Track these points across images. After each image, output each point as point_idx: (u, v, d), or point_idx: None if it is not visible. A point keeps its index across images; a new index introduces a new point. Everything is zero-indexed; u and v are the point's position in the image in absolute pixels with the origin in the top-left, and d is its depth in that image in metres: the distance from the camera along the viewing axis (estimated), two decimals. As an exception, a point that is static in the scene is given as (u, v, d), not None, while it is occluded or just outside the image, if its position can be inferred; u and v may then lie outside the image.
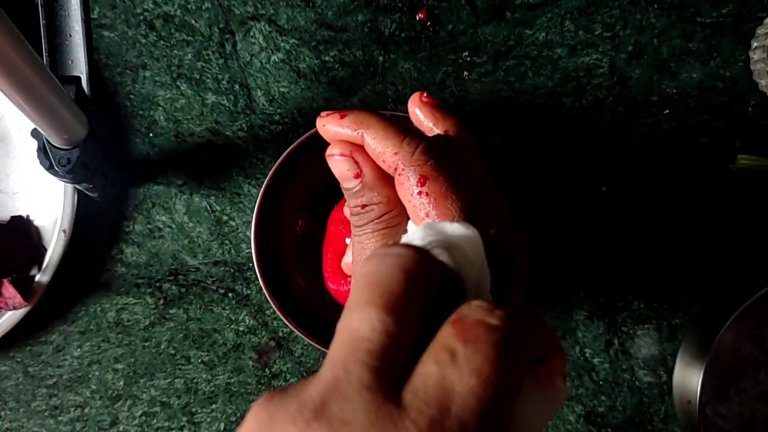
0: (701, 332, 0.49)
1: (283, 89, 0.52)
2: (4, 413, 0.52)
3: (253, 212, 0.46)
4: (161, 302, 0.52)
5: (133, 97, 0.52)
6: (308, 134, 0.45)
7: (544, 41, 0.51)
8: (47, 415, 0.52)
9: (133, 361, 0.52)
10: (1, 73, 0.33)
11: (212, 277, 0.52)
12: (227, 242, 0.52)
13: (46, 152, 0.42)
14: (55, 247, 0.49)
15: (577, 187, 0.52)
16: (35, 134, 0.43)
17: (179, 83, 0.52)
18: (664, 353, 0.52)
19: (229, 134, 0.52)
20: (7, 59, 0.32)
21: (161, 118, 0.52)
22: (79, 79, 0.45)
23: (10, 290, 0.48)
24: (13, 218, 0.51)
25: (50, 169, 0.42)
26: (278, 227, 0.49)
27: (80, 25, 0.45)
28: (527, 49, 0.51)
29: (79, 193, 0.49)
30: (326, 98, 0.52)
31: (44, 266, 0.49)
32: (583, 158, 0.52)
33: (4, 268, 0.49)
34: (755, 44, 0.50)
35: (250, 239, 0.48)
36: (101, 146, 0.44)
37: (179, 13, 0.51)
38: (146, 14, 0.51)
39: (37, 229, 0.51)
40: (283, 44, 0.51)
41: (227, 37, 0.51)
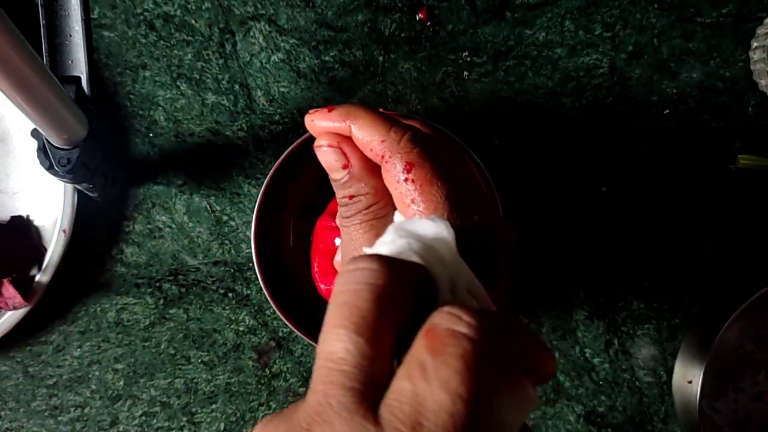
0: (701, 332, 0.49)
1: (283, 89, 0.52)
2: (4, 413, 0.52)
3: (253, 212, 0.46)
4: (161, 302, 0.52)
5: (133, 97, 0.52)
6: (308, 134, 0.45)
7: (544, 41, 0.51)
8: (47, 415, 0.52)
9: (133, 361, 0.52)
10: (1, 73, 0.33)
11: (212, 277, 0.52)
12: (227, 242, 0.52)
13: (46, 152, 0.42)
14: (55, 247, 0.49)
15: (577, 187, 0.52)
16: (35, 134, 0.43)
17: (179, 83, 0.52)
18: (664, 353, 0.52)
19: (229, 134, 0.52)
20: (7, 59, 0.32)
21: (161, 118, 0.52)
22: (79, 79, 0.45)
23: (10, 290, 0.48)
24: (13, 218, 0.51)
25: (50, 169, 0.42)
26: (278, 227, 0.49)
27: (80, 25, 0.45)
28: (527, 49, 0.51)
29: (79, 193, 0.49)
30: (326, 98, 0.52)
31: (44, 266, 0.49)
32: (583, 158, 0.52)
33: (4, 268, 0.49)
34: (755, 44, 0.50)
35: (250, 239, 0.48)
36: (101, 146, 0.44)
37: (179, 13, 0.51)
38: (146, 14, 0.51)
39: (37, 229, 0.51)
40: (283, 44, 0.51)
41: (227, 37, 0.51)
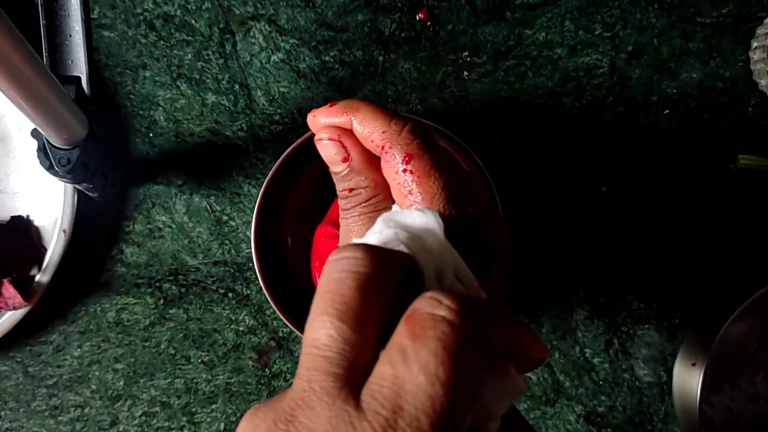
0: (701, 332, 0.49)
1: (283, 89, 0.52)
2: (4, 413, 0.52)
3: (253, 212, 0.46)
4: (161, 302, 0.52)
5: (133, 97, 0.52)
6: (308, 134, 0.45)
7: (544, 41, 0.51)
8: (47, 415, 0.52)
9: (133, 361, 0.52)
10: (1, 73, 0.33)
11: (212, 277, 0.52)
12: (227, 242, 0.52)
13: (46, 152, 0.42)
14: (55, 247, 0.49)
15: (577, 187, 0.52)
16: (35, 134, 0.43)
17: (179, 83, 0.52)
18: (664, 353, 0.52)
19: (229, 134, 0.52)
20: (7, 59, 0.32)
21: (161, 118, 0.52)
22: (79, 79, 0.45)
23: (10, 290, 0.48)
24: (13, 218, 0.51)
25: (50, 169, 0.42)
26: (278, 227, 0.49)
27: (80, 25, 0.45)
28: (527, 49, 0.51)
29: (79, 193, 0.49)
30: (326, 98, 0.52)
31: (44, 266, 0.49)
32: (583, 158, 0.52)
33: (4, 268, 0.49)
34: (755, 44, 0.50)
35: (250, 239, 0.48)
36: (101, 146, 0.44)
37: (179, 13, 0.51)
38: (146, 14, 0.51)
39: (37, 229, 0.51)
40: (283, 44, 0.51)
41: (227, 37, 0.51)
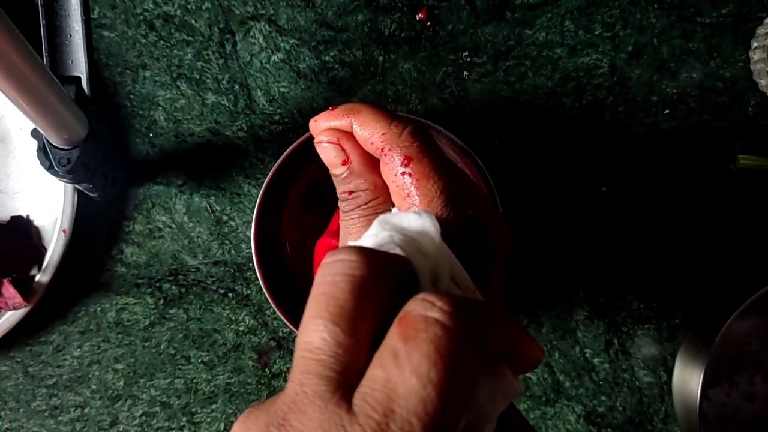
0: (701, 332, 0.49)
1: (283, 89, 0.52)
2: (4, 413, 0.52)
3: (253, 212, 0.46)
4: (161, 302, 0.52)
5: (133, 97, 0.52)
6: (308, 134, 0.45)
7: (544, 41, 0.51)
8: (47, 415, 0.52)
9: (133, 361, 0.52)
10: (1, 73, 0.33)
11: (212, 277, 0.52)
12: (227, 242, 0.52)
13: (46, 152, 0.42)
14: (55, 247, 0.49)
15: (577, 187, 0.52)
16: (35, 134, 0.43)
17: (179, 83, 0.52)
18: (664, 353, 0.52)
19: (229, 134, 0.52)
20: (7, 59, 0.32)
21: (161, 118, 0.52)
22: (79, 79, 0.45)
23: (10, 290, 0.48)
24: (13, 218, 0.51)
25: (50, 169, 0.42)
26: (278, 227, 0.49)
27: (80, 25, 0.45)
28: (527, 49, 0.51)
29: (79, 193, 0.49)
30: (326, 98, 0.52)
31: (44, 266, 0.49)
32: (583, 158, 0.52)
33: (4, 268, 0.49)
34: (755, 44, 0.50)
35: (250, 239, 0.48)
36: (101, 146, 0.44)
37: (179, 13, 0.51)
38: (146, 14, 0.51)
39: (37, 229, 0.51)
40: (283, 44, 0.51)
41: (227, 37, 0.51)
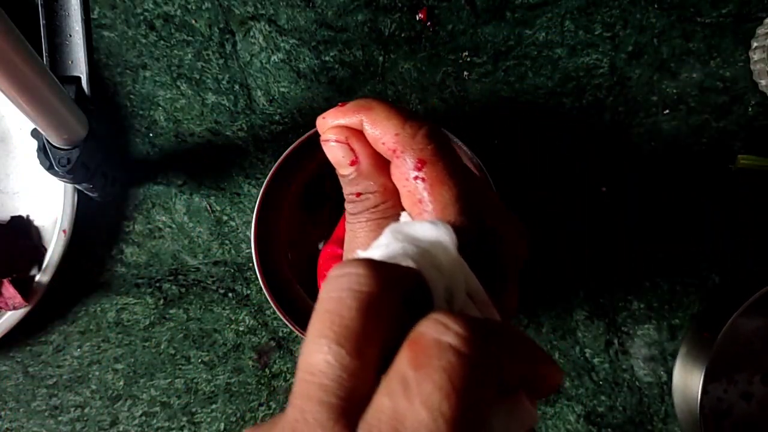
0: (701, 332, 0.49)
1: (283, 89, 0.52)
2: (4, 413, 0.52)
3: (253, 212, 0.46)
4: (161, 302, 0.52)
5: (133, 97, 0.52)
6: (308, 134, 0.45)
7: (544, 41, 0.51)
8: (47, 415, 0.52)
9: (133, 361, 0.52)
10: (1, 73, 0.33)
11: (212, 277, 0.52)
12: (227, 242, 0.52)
13: (46, 152, 0.42)
14: (55, 247, 0.49)
15: (577, 187, 0.52)
16: (35, 134, 0.43)
17: (179, 83, 0.52)
18: (664, 353, 0.52)
19: (229, 134, 0.52)
20: (7, 59, 0.32)
21: (161, 118, 0.52)
22: (79, 79, 0.45)
23: (10, 290, 0.48)
24: (13, 218, 0.51)
25: (50, 169, 0.42)
26: (278, 227, 0.49)
27: (80, 25, 0.45)
28: (527, 49, 0.51)
29: (79, 193, 0.49)
30: (326, 98, 0.52)
31: (44, 266, 0.49)
32: (583, 158, 0.52)
33: (4, 268, 0.49)
34: (755, 44, 0.50)
35: (250, 239, 0.48)
36: (101, 146, 0.44)
37: (179, 13, 0.51)
38: (146, 14, 0.51)
39: (37, 229, 0.51)
40: (283, 44, 0.51)
41: (227, 37, 0.51)
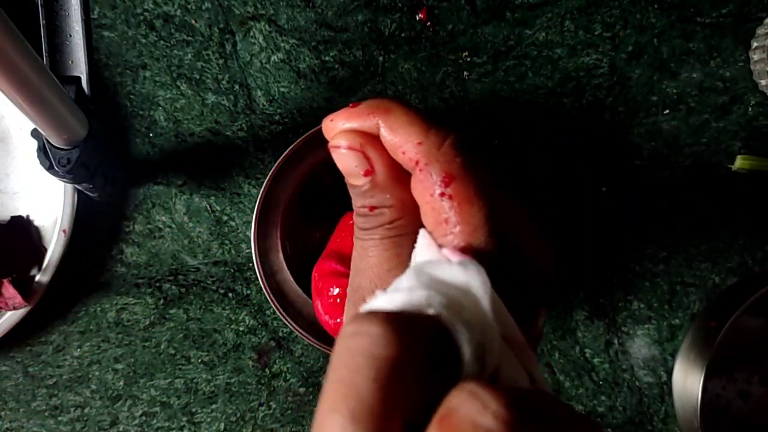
0: (702, 332, 0.49)
1: (283, 89, 0.52)
2: (4, 413, 0.52)
3: (253, 212, 0.46)
4: (161, 302, 0.52)
5: (133, 97, 0.52)
6: (308, 134, 0.45)
7: (544, 41, 0.51)
8: (47, 415, 0.52)
9: (133, 361, 0.52)
10: (1, 73, 0.33)
11: (212, 277, 0.52)
12: (227, 242, 0.52)
13: (46, 152, 0.42)
14: (55, 247, 0.49)
15: (577, 187, 0.52)
16: (35, 134, 0.43)
17: (179, 83, 0.52)
18: (664, 353, 0.52)
19: (229, 134, 0.52)
20: (7, 59, 0.32)
21: (161, 118, 0.52)
22: (79, 79, 0.45)
23: (10, 290, 0.48)
24: (13, 218, 0.51)
25: (50, 169, 0.42)
26: (278, 227, 0.49)
27: (80, 25, 0.45)
28: (527, 49, 0.51)
29: (79, 193, 0.49)
30: (326, 98, 0.52)
31: (44, 266, 0.49)
32: (583, 158, 0.52)
33: (4, 268, 0.49)
34: (755, 44, 0.50)
35: (250, 239, 0.48)
36: (101, 146, 0.44)
37: (179, 13, 0.51)
38: (146, 14, 0.51)
39: (37, 229, 0.51)
40: (283, 44, 0.51)
41: (227, 37, 0.51)
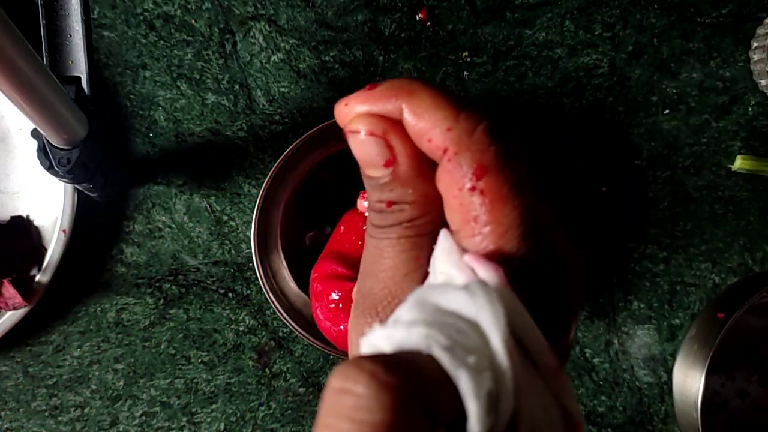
0: (702, 331, 0.49)
1: (283, 89, 0.52)
2: (4, 413, 0.52)
3: (253, 212, 0.46)
4: (161, 302, 0.52)
5: (133, 97, 0.52)
6: (308, 134, 0.45)
7: (544, 41, 0.51)
8: (47, 415, 0.52)
9: (133, 361, 0.52)
10: (1, 73, 0.33)
11: (212, 277, 0.52)
12: (227, 242, 0.52)
13: (46, 152, 0.42)
14: (55, 247, 0.49)
15: (577, 187, 0.52)
16: (35, 134, 0.43)
17: (179, 83, 0.52)
18: (664, 353, 0.52)
19: (229, 134, 0.52)
20: (7, 59, 0.32)
21: (161, 118, 0.52)
22: (79, 79, 0.45)
23: (10, 290, 0.48)
24: (13, 218, 0.51)
25: (50, 169, 0.42)
26: (278, 227, 0.49)
27: (80, 25, 0.45)
28: (527, 49, 0.51)
29: (79, 193, 0.49)
30: (326, 98, 0.52)
31: (44, 266, 0.49)
32: (583, 158, 0.52)
33: (4, 268, 0.49)
34: (755, 44, 0.50)
35: (250, 239, 0.48)
36: (101, 146, 0.44)
37: (179, 13, 0.51)
38: (146, 14, 0.51)
39: (37, 229, 0.51)
40: (283, 44, 0.51)
41: (227, 37, 0.51)
